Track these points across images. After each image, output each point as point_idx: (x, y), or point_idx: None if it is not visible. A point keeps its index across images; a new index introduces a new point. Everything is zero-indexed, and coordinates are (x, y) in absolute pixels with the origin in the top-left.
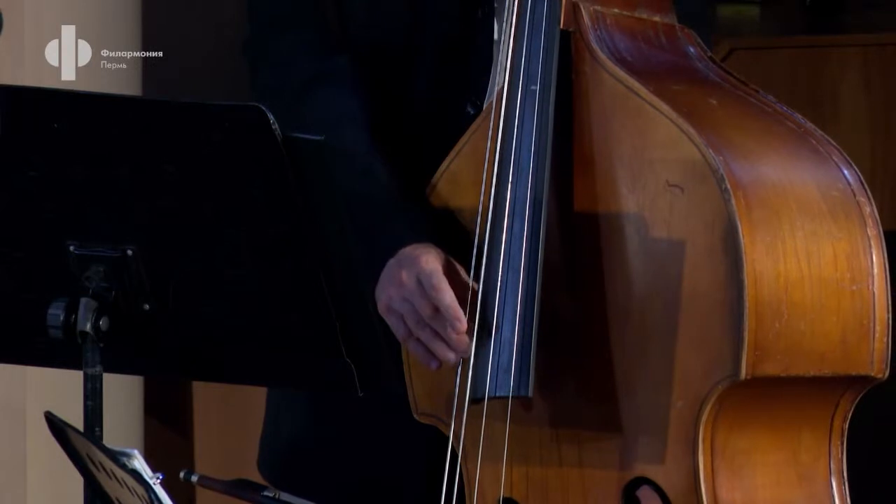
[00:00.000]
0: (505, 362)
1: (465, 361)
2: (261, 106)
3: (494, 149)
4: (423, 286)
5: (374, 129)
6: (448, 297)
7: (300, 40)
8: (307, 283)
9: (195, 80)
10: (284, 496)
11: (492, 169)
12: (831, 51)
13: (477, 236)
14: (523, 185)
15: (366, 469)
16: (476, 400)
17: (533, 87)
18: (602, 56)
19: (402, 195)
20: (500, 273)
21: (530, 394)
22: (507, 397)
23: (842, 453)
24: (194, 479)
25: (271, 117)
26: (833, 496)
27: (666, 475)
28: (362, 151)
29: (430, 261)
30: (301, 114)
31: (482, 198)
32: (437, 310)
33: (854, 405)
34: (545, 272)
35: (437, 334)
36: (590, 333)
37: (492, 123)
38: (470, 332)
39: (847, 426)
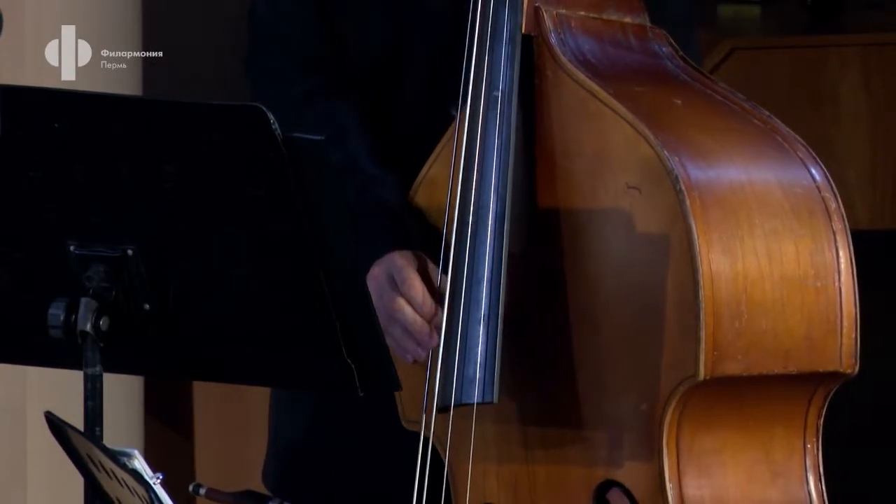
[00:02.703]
0: (470, 369)
1: (434, 368)
2: (261, 106)
3: (460, 155)
4: (395, 281)
5: (364, 139)
6: (416, 288)
7: (293, 57)
8: (307, 283)
9: (195, 80)
10: None
11: (457, 176)
12: (831, 51)
13: (444, 241)
14: (487, 192)
15: (363, 477)
16: (444, 407)
17: (496, 93)
18: (563, 59)
19: (390, 204)
20: (465, 278)
21: (496, 400)
22: (473, 404)
23: (817, 450)
24: (202, 492)
25: (271, 117)
26: (809, 493)
27: (632, 477)
28: (353, 163)
29: (402, 258)
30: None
31: (448, 204)
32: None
33: (828, 401)
34: (513, 274)
35: (405, 330)
36: (556, 335)
37: (456, 129)
38: (439, 330)
39: (822, 422)
